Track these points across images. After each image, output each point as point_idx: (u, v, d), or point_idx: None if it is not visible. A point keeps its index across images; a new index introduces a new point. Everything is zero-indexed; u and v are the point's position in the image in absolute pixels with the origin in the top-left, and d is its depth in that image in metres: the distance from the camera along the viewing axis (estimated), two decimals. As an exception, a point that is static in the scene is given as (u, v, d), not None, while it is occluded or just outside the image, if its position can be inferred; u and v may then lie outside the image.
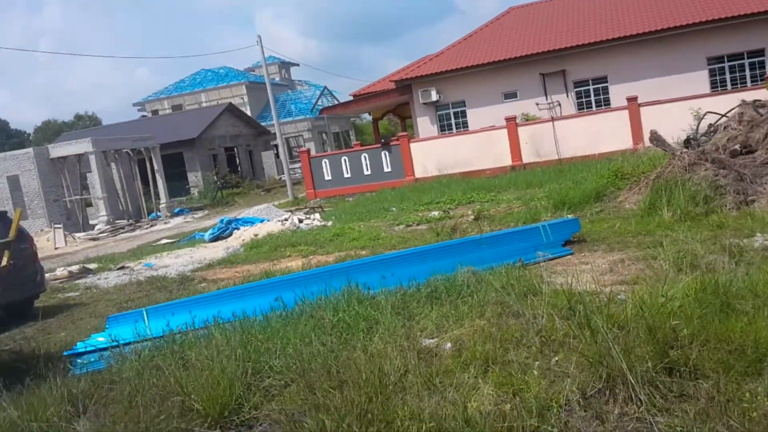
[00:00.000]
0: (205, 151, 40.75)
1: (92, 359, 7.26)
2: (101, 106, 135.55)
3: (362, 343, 5.98)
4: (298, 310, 7.31)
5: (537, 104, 27.17)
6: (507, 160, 25.49)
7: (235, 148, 45.08)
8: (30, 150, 30.34)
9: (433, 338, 6.02)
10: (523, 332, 5.59)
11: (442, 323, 6.36)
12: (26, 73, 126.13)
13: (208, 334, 6.81)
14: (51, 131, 59.57)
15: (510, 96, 27.83)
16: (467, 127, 28.52)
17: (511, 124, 25.44)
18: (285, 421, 4.84)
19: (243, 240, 17.59)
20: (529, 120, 26.31)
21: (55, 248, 24.23)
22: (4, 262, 7.99)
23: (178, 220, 30.61)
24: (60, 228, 25.68)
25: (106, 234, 27.47)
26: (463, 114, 28.87)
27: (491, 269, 7.88)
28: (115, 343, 7.08)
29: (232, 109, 45.59)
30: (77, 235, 26.97)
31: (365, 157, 28.06)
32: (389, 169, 27.66)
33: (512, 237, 9.54)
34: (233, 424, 5.19)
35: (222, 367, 5.54)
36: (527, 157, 25.24)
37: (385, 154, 27.68)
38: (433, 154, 26.96)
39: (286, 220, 18.93)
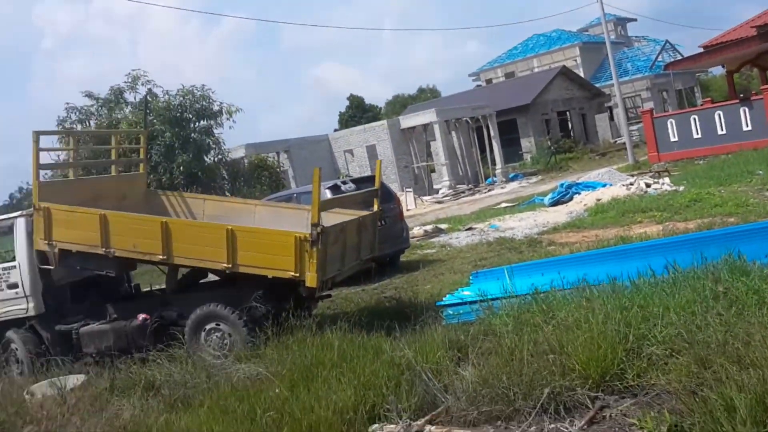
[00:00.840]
0: (538, 117, 40.74)
1: (461, 311, 7.73)
2: (439, 78, 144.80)
3: (758, 318, 5.30)
4: (669, 279, 6.80)
5: None
6: None
7: (568, 112, 44.20)
8: (384, 122, 33.84)
9: None
10: None
11: None
12: (374, 53, 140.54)
13: (575, 295, 6.73)
14: (398, 104, 65.65)
15: None
16: None
17: None
18: (681, 392, 4.53)
19: (585, 204, 17.18)
20: None
21: (406, 210, 26.70)
22: (376, 207, 8.98)
23: (514, 184, 31.27)
24: (410, 191, 28.22)
25: (448, 197, 29.37)
26: None
27: None
28: (483, 298, 7.43)
29: (565, 72, 44.68)
30: (424, 198, 29.35)
31: (719, 115, 25.05)
32: (749, 128, 24.27)
33: None
34: (616, 389, 5.05)
35: (600, 330, 5.40)
36: None
37: (744, 110, 24.34)
38: (810, 107, 22.88)
39: (630, 184, 17.93)
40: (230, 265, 7.34)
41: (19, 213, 8.79)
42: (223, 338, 7.65)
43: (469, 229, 16.46)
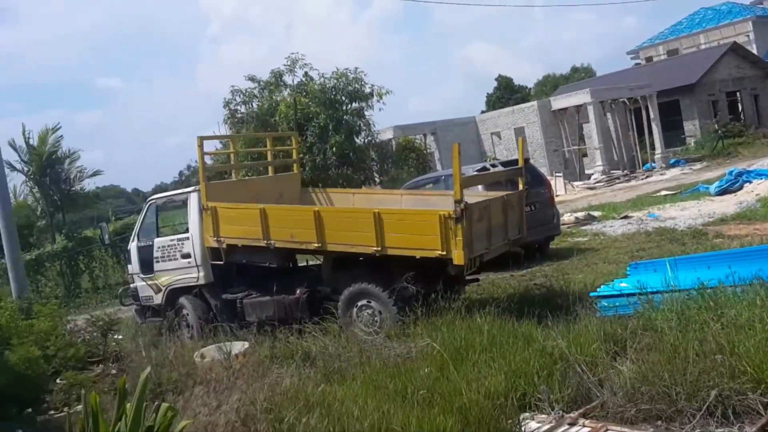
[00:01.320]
0: (704, 98, 37.71)
1: (617, 303, 7.39)
2: (594, 57, 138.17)
3: None
4: None
5: None
6: None
7: (738, 93, 40.48)
8: (534, 103, 32.92)
9: None
10: None
11: None
12: (524, 31, 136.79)
13: (748, 293, 6.21)
14: (549, 85, 63.53)
15: None
16: None
17: None
18: None
19: (757, 194, 15.75)
20: None
21: (557, 195, 25.88)
22: (521, 185, 8.91)
23: (675, 171, 29.28)
24: (560, 176, 27.33)
25: (602, 183, 28.11)
26: None
27: None
28: (642, 290, 7.06)
29: (735, 49, 40.88)
30: (574, 183, 28.30)
31: None
32: None
33: None
34: (797, 397, 4.62)
35: (775, 332, 4.96)
36: None
37: None
38: None
39: (813, 173, 16.21)
40: (379, 248, 7.55)
41: (192, 188, 9.55)
42: (374, 315, 7.88)
43: (625, 217, 15.68)
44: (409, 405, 4.83)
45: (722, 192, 17.43)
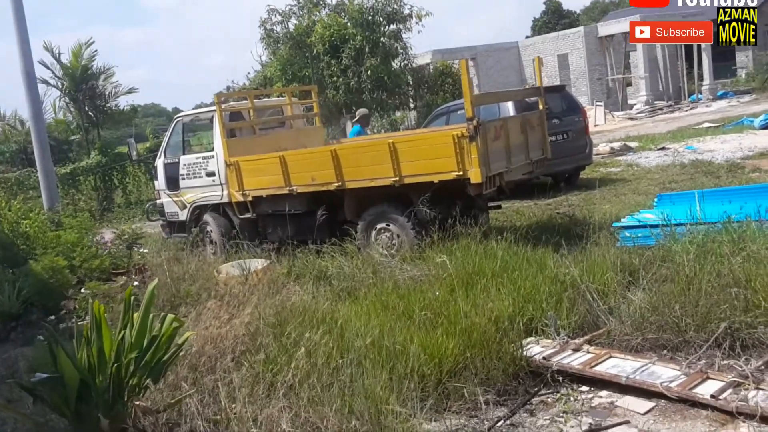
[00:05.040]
0: (761, 26, 35.71)
1: (639, 234, 7.24)
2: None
3: None
4: None
5: None
6: None
7: (799, 22, 38.26)
8: (580, 29, 31.64)
9: None
10: None
11: None
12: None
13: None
14: (597, 10, 60.89)
15: None
16: None
17: None
18: None
19: (805, 129, 15.09)
20: None
21: (595, 125, 25.19)
22: (541, 105, 8.90)
23: (722, 103, 28.13)
24: (601, 105, 26.52)
25: (644, 114, 27.23)
26: None
27: None
28: (666, 222, 6.88)
29: (801, -25, 38.38)
30: (616, 113, 27.46)
31: None
32: None
33: None
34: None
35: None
36: None
37: None
38: None
39: None
40: (397, 178, 7.55)
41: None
42: (392, 238, 7.90)
43: (662, 149, 15.22)
44: (413, 325, 4.87)
45: (767, 126, 16.71)
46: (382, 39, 23.42)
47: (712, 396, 3.73)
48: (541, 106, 8.82)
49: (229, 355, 4.54)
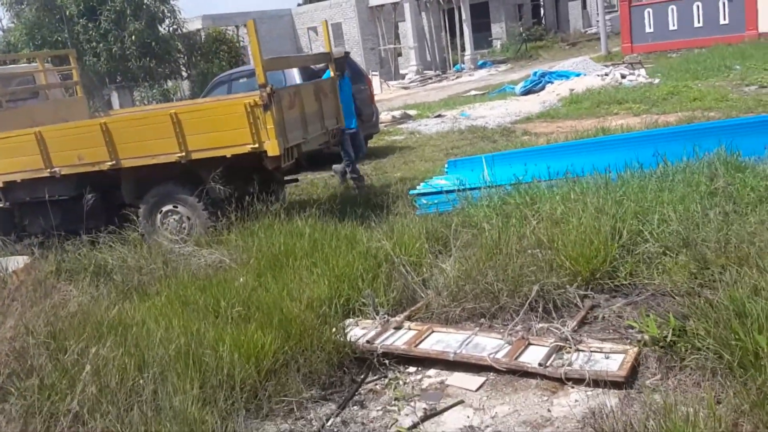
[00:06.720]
0: (511, 1, 39.14)
1: (436, 200, 7.30)
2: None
3: (759, 216, 4.99)
4: (659, 172, 6.43)
5: None
6: None
7: (541, -1, 42.59)
8: (352, -2, 31.95)
9: None
10: None
11: None
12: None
13: (560, 187, 6.33)
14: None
15: None
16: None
17: None
18: (675, 294, 4.25)
19: (558, 94, 16.65)
20: None
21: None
22: (332, 72, 8.46)
23: (482, 72, 30.33)
24: (376, 75, 27.10)
25: (415, 83, 28.40)
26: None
27: None
28: (461, 187, 6.99)
29: (540, -46, 42.61)
30: (390, 83, 28.31)
31: (698, 6, 24.28)
32: (726, 21, 23.66)
33: None
34: (606, 287, 4.76)
35: (592, 224, 5.04)
36: None
37: (724, 2, 23.63)
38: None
39: (605, 75, 17.39)
40: (183, 154, 6.68)
41: None
42: (182, 222, 7.11)
43: (439, 116, 15.85)
44: (222, 322, 4.30)
45: (527, 92, 18.19)
46: (145, 1, 21.53)
47: (540, 364, 3.71)
48: (332, 73, 8.46)
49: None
